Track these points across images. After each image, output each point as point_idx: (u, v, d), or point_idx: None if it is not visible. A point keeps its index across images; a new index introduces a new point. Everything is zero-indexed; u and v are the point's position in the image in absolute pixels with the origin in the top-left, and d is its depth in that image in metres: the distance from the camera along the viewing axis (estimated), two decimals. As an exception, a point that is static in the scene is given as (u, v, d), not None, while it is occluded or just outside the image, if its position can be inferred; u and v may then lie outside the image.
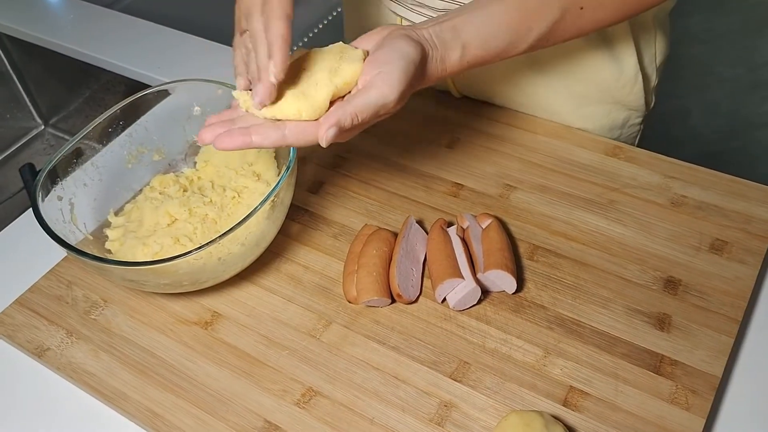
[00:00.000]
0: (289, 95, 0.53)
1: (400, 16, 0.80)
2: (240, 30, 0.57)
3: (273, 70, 0.51)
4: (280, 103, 0.53)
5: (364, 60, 0.55)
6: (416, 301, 0.66)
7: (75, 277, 0.71)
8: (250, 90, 0.55)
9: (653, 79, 0.83)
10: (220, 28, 1.23)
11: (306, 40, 1.74)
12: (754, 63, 2.19)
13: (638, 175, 0.76)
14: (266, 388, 0.61)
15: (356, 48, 0.56)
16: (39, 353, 0.65)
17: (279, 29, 0.51)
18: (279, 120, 0.54)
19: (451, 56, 0.57)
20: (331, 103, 0.54)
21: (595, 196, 0.74)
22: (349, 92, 0.55)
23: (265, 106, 0.53)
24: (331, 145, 0.80)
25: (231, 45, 1.03)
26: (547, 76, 0.80)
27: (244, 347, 0.64)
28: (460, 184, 0.77)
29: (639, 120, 0.85)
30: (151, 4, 1.38)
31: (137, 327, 0.66)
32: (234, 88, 0.58)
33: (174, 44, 1.05)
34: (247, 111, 0.55)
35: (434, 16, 0.76)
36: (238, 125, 0.54)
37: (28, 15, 1.15)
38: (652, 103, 0.85)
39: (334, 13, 1.80)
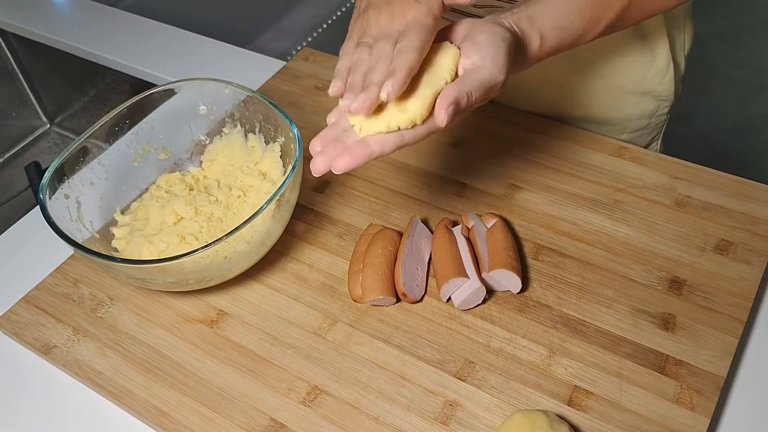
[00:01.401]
0: (390, 109, 0.51)
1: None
2: (356, 42, 0.56)
3: (389, 89, 0.49)
4: (383, 116, 0.51)
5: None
6: (421, 300, 0.66)
7: (81, 275, 0.71)
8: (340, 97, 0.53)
9: (682, 68, 0.83)
10: (225, 26, 1.24)
11: (310, 39, 1.74)
12: (760, 64, 2.19)
13: (643, 175, 0.76)
14: (272, 386, 0.61)
15: (450, 43, 0.55)
16: (46, 351, 0.65)
17: (411, 60, 0.51)
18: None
19: (531, 46, 0.57)
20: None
21: (600, 196, 0.74)
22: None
23: (355, 113, 0.51)
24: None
25: (236, 44, 1.03)
26: (585, 74, 0.80)
27: (249, 345, 0.64)
28: (464, 183, 0.77)
29: (667, 110, 0.85)
30: (157, 2, 1.38)
31: (143, 325, 0.67)
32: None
33: (180, 43, 1.05)
34: (355, 128, 0.52)
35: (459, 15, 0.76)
36: (351, 140, 0.52)
37: (34, 14, 1.15)
38: (680, 92, 0.85)
39: (339, 13, 1.80)
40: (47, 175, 0.65)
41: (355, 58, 0.54)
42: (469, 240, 0.68)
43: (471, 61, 0.53)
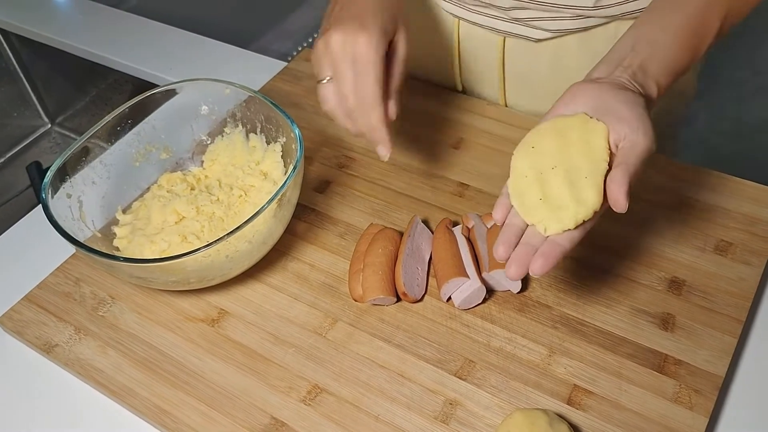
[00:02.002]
0: (568, 201, 0.51)
1: (458, 17, 0.81)
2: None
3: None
4: (565, 213, 0.51)
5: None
6: (421, 299, 0.66)
7: (83, 274, 0.71)
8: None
9: (700, 65, 0.83)
10: (227, 27, 1.24)
11: (311, 40, 1.74)
12: (760, 66, 2.19)
13: (643, 176, 0.76)
14: (273, 385, 0.61)
15: (597, 120, 0.54)
16: (47, 349, 0.66)
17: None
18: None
19: (652, 94, 0.57)
20: None
21: (599, 197, 0.74)
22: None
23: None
24: (336, 145, 0.81)
25: (238, 44, 1.04)
26: None
27: (250, 344, 0.64)
28: (465, 184, 0.77)
29: (685, 106, 0.85)
30: (159, 3, 1.38)
31: (145, 324, 0.67)
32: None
33: (181, 44, 1.06)
34: (538, 227, 0.52)
35: (500, 15, 0.77)
36: (536, 240, 0.51)
37: (35, 14, 1.15)
38: (696, 90, 0.86)
39: (339, 15, 1.81)
40: (49, 174, 0.66)
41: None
42: (469, 240, 0.68)
43: (620, 137, 0.53)
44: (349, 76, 0.60)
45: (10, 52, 1.21)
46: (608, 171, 0.53)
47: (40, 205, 0.74)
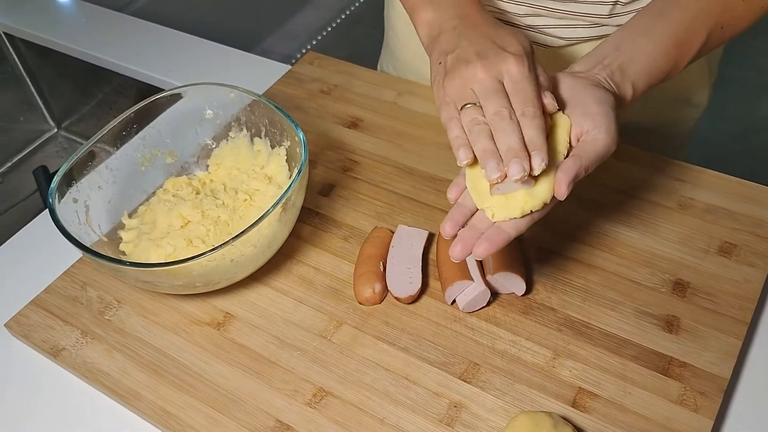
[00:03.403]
0: (519, 192, 0.52)
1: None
2: (456, 105, 0.54)
3: (539, 165, 0.50)
4: (514, 201, 0.52)
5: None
6: (420, 296, 0.67)
7: (89, 279, 0.72)
8: (470, 165, 0.53)
9: (715, 74, 0.84)
10: (231, 31, 1.24)
11: (314, 42, 1.75)
12: (764, 66, 2.18)
13: (646, 177, 0.76)
14: (278, 388, 0.61)
15: (563, 113, 0.55)
16: (54, 353, 0.66)
17: (542, 128, 0.51)
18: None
19: (625, 98, 0.58)
20: None
21: (603, 199, 0.74)
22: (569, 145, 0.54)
23: (523, 180, 0.50)
24: (340, 149, 0.81)
25: (241, 48, 1.04)
26: None
27: (255, 348, 0.65)
28: (469, 186, 0.77)
29: (697, 116, 0.86)
30: (164, 7, 1.39)
31: (150, 327, 0.67)
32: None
33: (186, 48, 1.06)
34: (487, 213, 0.53)
35: (514, 22, 0.77)
36: (483, 225, 0.53)
37: (41, 19, 1.16)
38: (710, 99, 0.86)
39: (343, 16, 1.81)
40: (56, 179, 0.66)
41: (468, 120, 0.52)
42: (473, 243, 0.68)
43: (584, 131, 0.54)
44: (499, 100, 0.53)
45: (16, 57, 1.22)
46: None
47: (47, 209, 0.75)
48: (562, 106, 0.56)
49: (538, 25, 0.76)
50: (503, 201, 0.52)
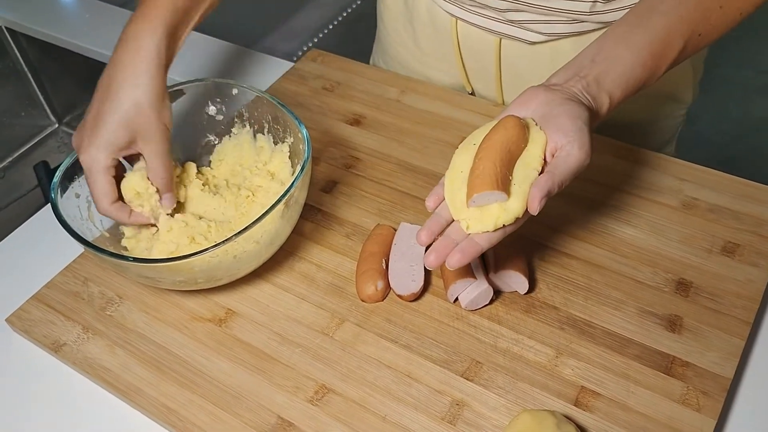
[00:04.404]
0: (494, 204, 0.53)
1: (455, 17, 0.81)
2: None
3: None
4: (488, 216, 0.53)
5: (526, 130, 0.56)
6: (423, 293, 0.66)
7: (91, 274, 0.72)
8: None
9: (700, 72, 0.84)
10: (233, 27, 1.24)
11: (316, 40, 1.75)
12: (763, 66, 2.18)
13: (649, 177, 0.76)
14: (279, 384, 0.61)
15: (539, 129, 0.56)
16: (55, 348, 0.66)
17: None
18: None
19: (601, 109, 0.58)
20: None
21: (606, 198, 0.74)
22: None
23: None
24: (343, 146, 0.81)
25: (244, 44, 1.04)
26: None
27: (257, 344, 0.64)
28: (472, 184, 0.77)
29: (683, 112, 0.86)
30: (165, 4, 1.38)
31: (152, 323, 0.67)
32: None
33: (188, 44, 1.05)
34: (462, 224, 0.54)
35: (495, 16, 0.77)
36: (458, 236, 0.54)
37: (43, 14, 1.16)
38: (697, 95, 0.86)
39: (345, 14, 1.81)
40: (58, 174, 0.66)
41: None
42: (476, 241, 0.68)
43: (557, 147, 0.55)
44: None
45: (18, 52, 1.22)
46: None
47: (48, 204, 0.75)
48: (540, 122, 0.56)
49: (519, 20, 0.77)
50: (478, 214, 0.53)
